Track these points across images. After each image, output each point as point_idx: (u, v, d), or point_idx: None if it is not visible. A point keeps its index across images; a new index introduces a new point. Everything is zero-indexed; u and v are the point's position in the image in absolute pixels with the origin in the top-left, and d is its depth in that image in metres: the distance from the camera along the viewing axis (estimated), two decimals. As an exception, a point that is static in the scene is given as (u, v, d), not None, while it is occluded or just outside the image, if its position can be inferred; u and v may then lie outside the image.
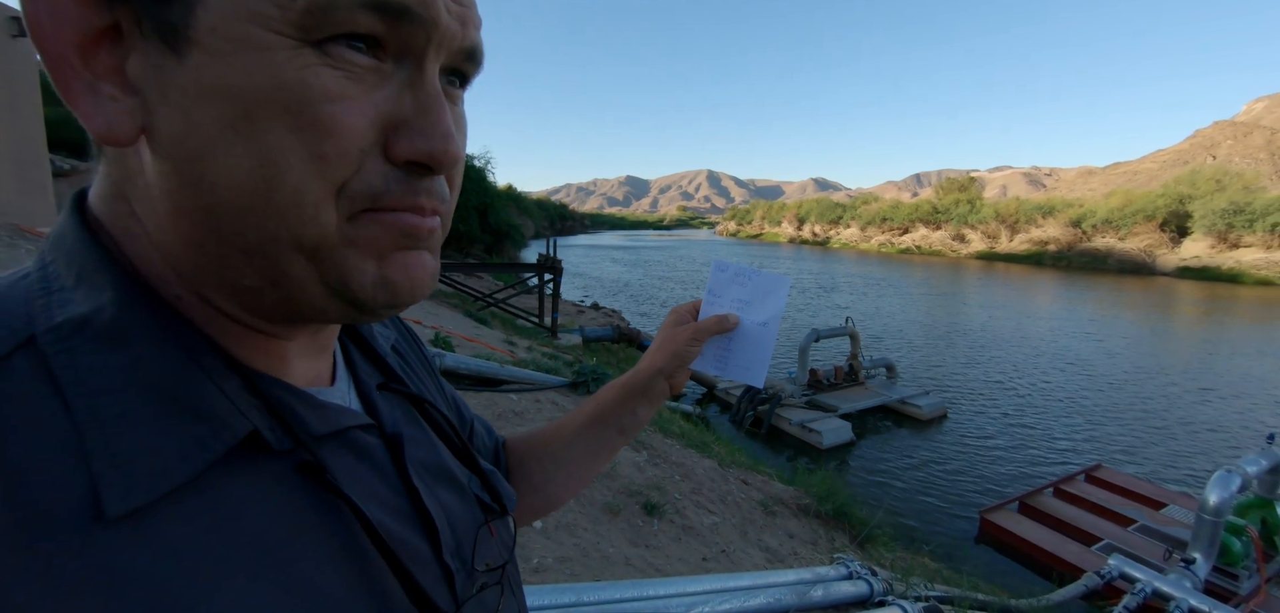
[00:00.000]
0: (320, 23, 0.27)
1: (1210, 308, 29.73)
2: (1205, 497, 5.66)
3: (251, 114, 0.26)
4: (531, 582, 2.54)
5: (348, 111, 0.28)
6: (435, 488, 0.43)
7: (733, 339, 0.71)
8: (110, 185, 0.31)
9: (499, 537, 0.49)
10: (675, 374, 0.70)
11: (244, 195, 0.27)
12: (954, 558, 6.21)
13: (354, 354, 0.45)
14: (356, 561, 0.33)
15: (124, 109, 0.27)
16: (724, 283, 0.72)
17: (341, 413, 0.37)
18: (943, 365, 16.63)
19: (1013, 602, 4.58)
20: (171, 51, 0.26)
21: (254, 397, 0.31)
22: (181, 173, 0.28)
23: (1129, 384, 15.11)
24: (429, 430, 0.47)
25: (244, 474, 0.30)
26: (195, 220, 0.28)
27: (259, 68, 0.26)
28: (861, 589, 3.11)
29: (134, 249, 0.31)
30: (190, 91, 0.26)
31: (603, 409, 0.69)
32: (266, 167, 0.27)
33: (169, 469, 0.26)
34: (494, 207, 33.11)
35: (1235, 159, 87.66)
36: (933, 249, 71.99)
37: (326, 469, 0.33)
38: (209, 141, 0.27)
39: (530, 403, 5.26)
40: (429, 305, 12.97)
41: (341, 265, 0.30)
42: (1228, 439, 11.39)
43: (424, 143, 0.30)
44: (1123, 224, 53.54)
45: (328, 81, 0.27)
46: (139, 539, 0.25)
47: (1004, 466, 9.99)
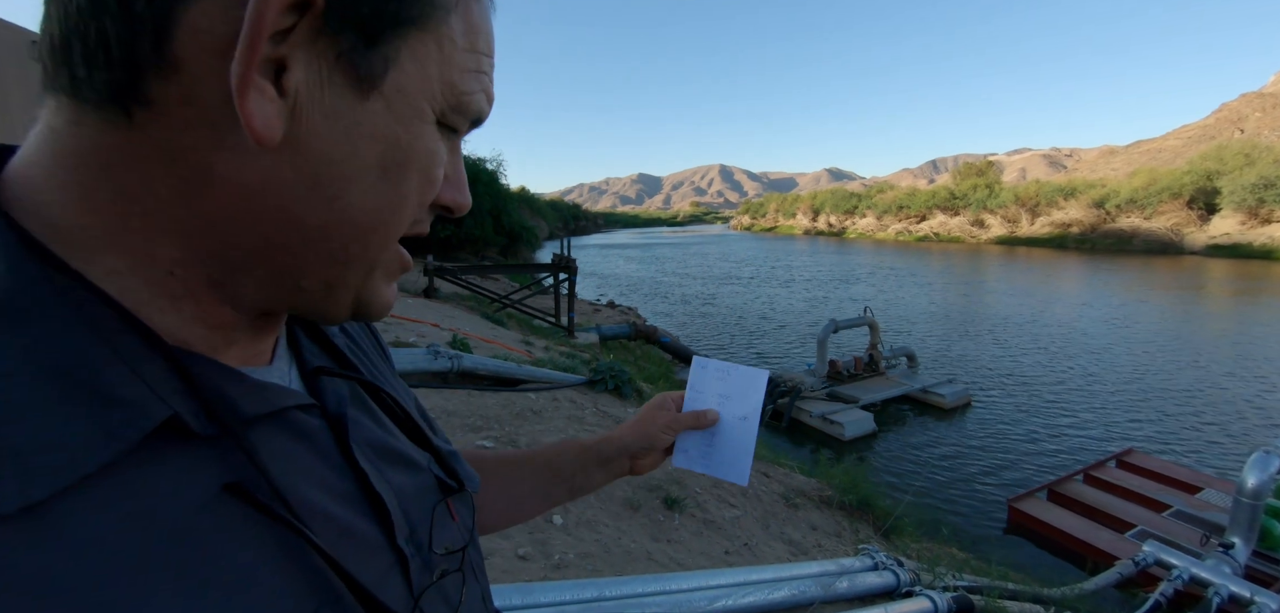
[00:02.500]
0: (451, 118, 0.35)
1: (1243, 286, 28.91)
2: (1243, 479, 5.50)
3: (405, 165, 0.33)
4: (553, 577, 2.53)
5: (442, 174, 0.37)
6: (385, 469, 0.41)
7: (714, 435, 0.74)
8: (80, 154, 0.28)
9: (459, 519, 0.47)
10: (642, 456, 0.72)
11: (372, 220, 0.33)
12: (982, 548, 6.11)
13: (298, 334, 0.43)
14: (294, 550, 0.31)
15: (276, 111, 0.28)
16: (706, 379, 0.76)
17: (278, 393, 0.34)
18: (965, 353, 16.38)
19: (1045, 591, 4.48)
20: (355, 89, 0.30)
21: (176, 378, 0.29)
22: (321, 188, 0.31)
23: (1160, 366, 14.76)
24: (378, 412, 0.45)
25: (165, 463, 0.27)
26: (300, 226, 0.31)
27: (420, 134, 0.34)
28: (888, 580, 3.06)
29: (107, 223, 0.28)
30: (364, 128, 0.31)
31: (559, 461, 0.71)
32: (398, 204, 0.34)
33: (74, 460, 0.24)
34: (507, 209, 33.34)
35: (1265, 131, 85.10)
36: (951, 236, 71.01)
37: (253, 455, 0.30)
38: (363, 171, 0.32)
39: (548, 402, 5.27)
40: (446, 308, 13.09)
41: (376, 287, 0.37)
42: (1265, 419, 11.06)
43: (459, 196, 0.39)
44: (1148, 203, 52.30)
45: (443, 151, 0.36)
46: (40, 537, 0.22)
47: (1032, 453, 9.81)
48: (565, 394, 5.68)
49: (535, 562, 2.66)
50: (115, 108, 0.27)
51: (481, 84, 0.36)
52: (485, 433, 4.14)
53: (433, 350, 5.42)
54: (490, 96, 0.38)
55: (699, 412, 0.74)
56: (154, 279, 0.29)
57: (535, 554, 2.72)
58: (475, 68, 0.35)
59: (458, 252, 28.01)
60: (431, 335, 7.54)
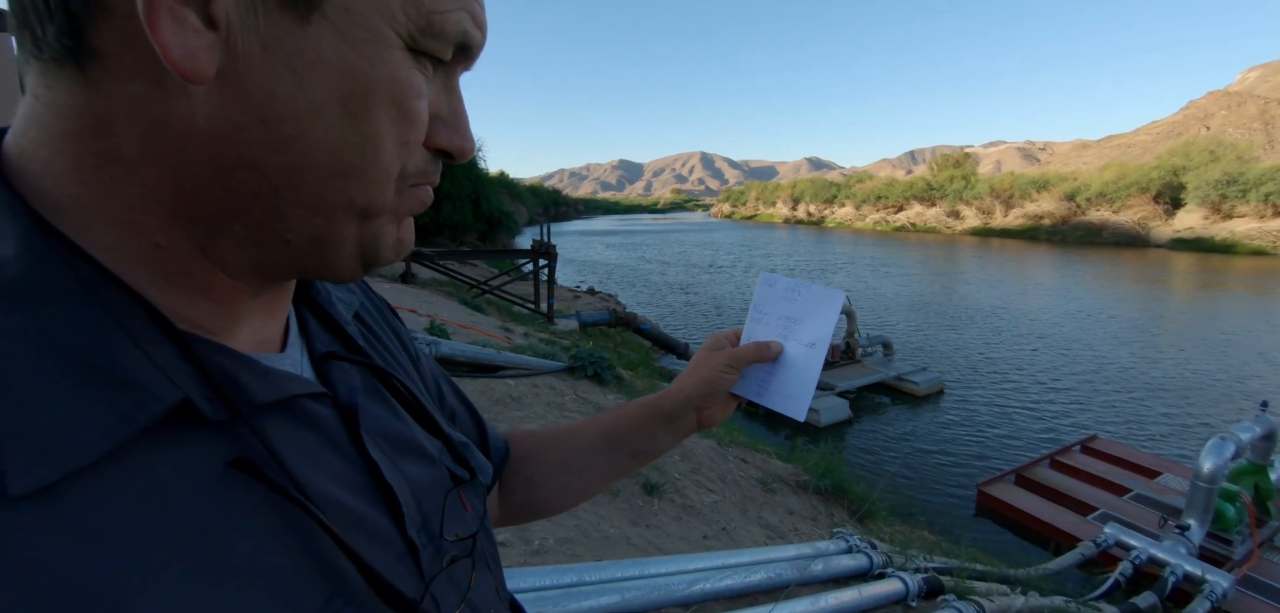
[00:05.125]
0: (425, 41, 0.31)
1: (1204, 279, 29.91)
2: (1200, 464, 5.73)
3: (366, 96, 0.30)
4: (532, 563, 2.54)
5: (425, 109, 0.33)
6: (398, 460, 0.40)
7: (777, 362, 0.66)
8: (61, 121, 0.27)
9: (471, 508, 0.46)
10: (706, 406, 0.65)
11: (339, 163, 0.30)
12: (953, 531, 6.27)
13: (309, 320, 0.42)
14: (304, 537, 0.30)
15: (204, 44, 0.26)
16: (773, 299, 0.67)
17: (288, 380, 0.34)
18: (939, 341, 16.72)
19: (1011, 572, 4.63)
20: (292, 13, 0.27)
21: (187, 362, 0.28)
22: (271, 128, 0.28)
23: (1124, 356, 15.23)
24: (392, 401, 0.44)
25: (176, 447, 0.27)
26: (263, 172, 0.29)
27: (382, 60, 0.30)
28: (861, 563, 3.13)
29: (94, 193, 0.27)
30: (308, 57, 0.28)
31: (619, 428, 0.65)
32: (368, 143, 0.31)
33: (85, 443, 0.23)
34: (486, 194, 32.91)
35: (1229, 129, 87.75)
36: (928, 226, 72.08)
37: (266, 439, 0.30)
38: (317, 108, 0.29)
39: (527, 388, 5.25)
40: (424, 294, 12.93)
41: (378, 230, 0.34)
42: (1222, 408, 11.50)
43: (459, 140, 0.36)
44: (1117, 197, 53.66)
45: (419, 82, 0.32)
46: (51, 520, 0.22)
47: (1001, 439, 10.08)
48: (545, 381, 5.67)
49: (515, 548, 2.67)
50: (72, 63, 0.26)
51: (460, 1, 0.32)
52: (464, 419, 4.11)
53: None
54: (478, 19, 0.34)
55: (762, 343, 0.65)
56: (145, 255, 0.29)
57: (514, 540, 2.72)
58: None
59: (436, 236, 27.62)
60: (409, 321, 7.45)
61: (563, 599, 2.03)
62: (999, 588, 3.72)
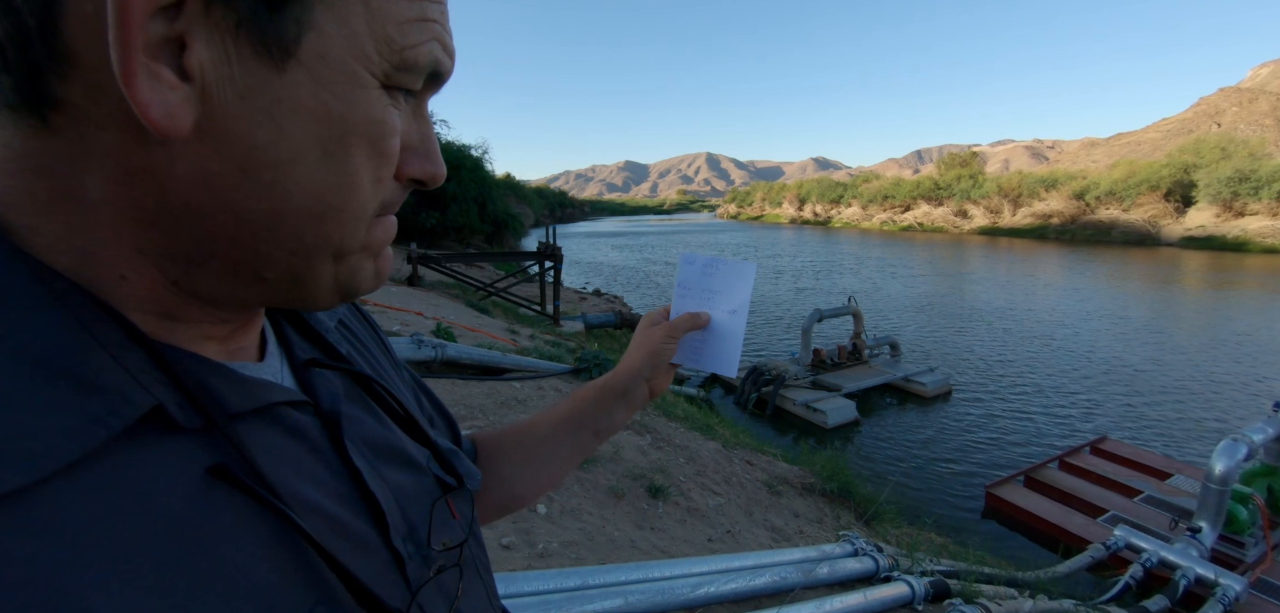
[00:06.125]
0: (398, 77, 0.32)
1: (1216, 278, 29.57)
2: (1211, 466, 5.66)
3: (345, 139, 0.30)
4: (537, 566, 2.55)
5: (398, 144, 0.33)
6: (382, 468, 0.40)
7: (706, 331, 0.72)
8: (15, 160, 0.27)
9: (460, 515, 0.46)
10: (655, 375, 0.70)
11: (318, 206, 0.30)
12: (960, 533, 6.23)
13: (287, 329, 0.42)
14: (288, 545, 0.30)
15: (181, 98, 0.26)
16: (694, 276, 0.74)
17: (267, 388, 0.34)
18: (947, 342, 16.61)
19: (1019, 574, 4.59)
20: (267, 61, 0.27)
21: (159, 369, 0.28)
22: (249, 175, 0.28)
23: (1134, 356, 15.09)
24: (376, 408, 0.44)
25: (153, 454, 0.26)
26: (242, 217, 0.29)
27: (358, 102, 0.30)
28: (867, 566, 3.11)
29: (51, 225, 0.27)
30: (285, 105, 0.28)
31: (579, 410, 0.69)
32: (346, 184, 0.31)
33: (54, 447, 0.23)
34: (492, 196, 32.96)
35: (1240, 126, 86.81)
36: (935, 226, 71.65)
37: (240, 447, 0.30)
38: (296, 154, 0.29)
39: (533, 390, 5.26)
40: (431, 296, 12.98)
41: (355, 267, 0.35)
42: (1234, 408, 11.37)
43: (430, 166, 0.36)
44: (1126, 195, 53.13)
45: (395, 119, 0.32)
46: (19, 522, 0.22)
47: (1009, 440, 10.00)
48: (551, 383, 5.68)
49: (519, 551, 2.67)
50: (29, 112, 0.26)
51: (430, 32, 0.32)
52: (470, 423, 4.13)
53: (417, 339, 5.38)
54: (447, 47, 0.34)
55: (694, 313, 0.71)
56: (109, 284, 0.28)
57: (519, 544, 2.73)
58: (417, 16, 0.31)
59: (442, 239, 27.71)
60: (415, 324, 7.48)
61: (567, 603, 2.03)
62: (1007, 591, 3.69)
